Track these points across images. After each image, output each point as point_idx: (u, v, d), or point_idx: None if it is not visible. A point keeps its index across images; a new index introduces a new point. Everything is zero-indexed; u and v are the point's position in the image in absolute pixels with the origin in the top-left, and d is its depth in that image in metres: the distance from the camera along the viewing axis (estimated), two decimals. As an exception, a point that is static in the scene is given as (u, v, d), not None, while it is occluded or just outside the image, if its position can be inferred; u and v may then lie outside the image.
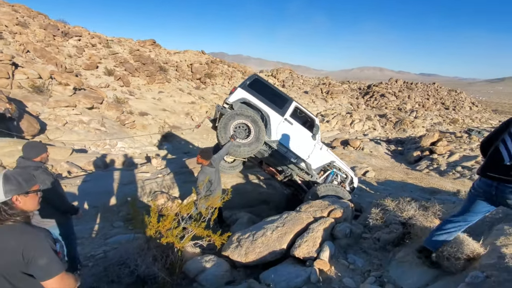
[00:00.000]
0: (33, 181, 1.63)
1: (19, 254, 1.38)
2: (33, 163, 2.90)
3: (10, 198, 1.42)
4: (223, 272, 3.04)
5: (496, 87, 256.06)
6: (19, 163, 2.89)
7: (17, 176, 1.50)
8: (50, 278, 1.42)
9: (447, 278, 2.51)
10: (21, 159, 2.90)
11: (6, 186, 1.42)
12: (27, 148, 2.91)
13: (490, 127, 43.32)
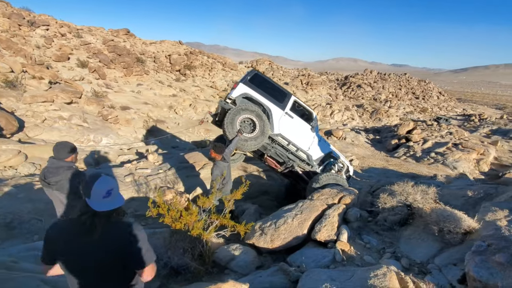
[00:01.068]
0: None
1: (121, 246, 1.52)
2: (66, 163, 2.91)
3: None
4: (252, 258, 3.28)
5: (460, 77, 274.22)
6: (51, 163, 2.89)
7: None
8: (146, 265, 1.57)
9: (450, 250, 2.95)
10: (53, 160, 2.90)
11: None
12: (59, 148, 2.91)
13: (456, 114, 46.74)
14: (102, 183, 1.51)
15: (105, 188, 1.50)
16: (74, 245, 1.50)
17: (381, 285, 2.24)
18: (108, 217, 1.52)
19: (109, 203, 1.51)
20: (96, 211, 1.49)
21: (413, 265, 2.83)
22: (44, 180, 2.87)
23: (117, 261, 1.53)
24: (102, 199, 1.49)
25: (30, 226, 4.32)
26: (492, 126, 34.65)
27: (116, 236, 1.53)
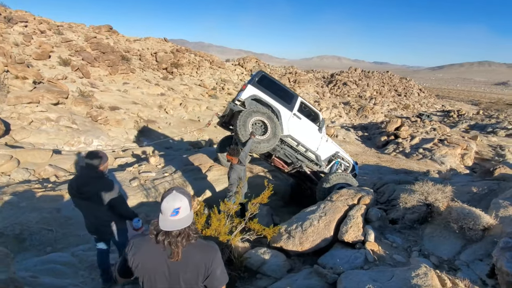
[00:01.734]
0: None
1: (203, 266, 1.50)
2: (97, 173, 2.81)
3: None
4: (282, 261, 3.31)
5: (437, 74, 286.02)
6: (82, 173, 2.78)
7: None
8: (222, 285, 1.57)
9: (473, 246, 3.11)
10: (85, 169, 2.78)
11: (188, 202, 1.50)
12: (91, 157, 2.80)
13: (436, 111, 48.76)
14: (170, 200, 1.44)
15: (172, 206, 1.43)
16: (158, 264, 1.47)
17: (424, 285, 2.34)
18: (187, 236, 1.48)
19: (175, 223, 1.43)
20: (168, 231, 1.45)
21: (442, 262, 2.97)
22: (76, 191, 2.76)
23: (200, 281, 1.51)
24: (169, 217, 1.43)
25: (41, 237, 4.13)
26: (470, 122, 36.46)
27: (199, 256, 1.50)
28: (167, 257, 1.46)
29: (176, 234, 1.44)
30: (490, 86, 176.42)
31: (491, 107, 55.18)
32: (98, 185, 2.78)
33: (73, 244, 4.24)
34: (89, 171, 2.79)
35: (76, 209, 4.82)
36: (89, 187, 2.74)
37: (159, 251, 1.46)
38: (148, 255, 1.48)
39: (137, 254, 1.49)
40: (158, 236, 1.46)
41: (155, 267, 1.47)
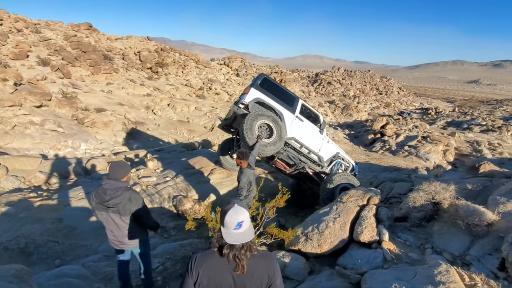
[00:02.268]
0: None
1: (266, 276, 1.54)
2: (123, 183, 2.76)
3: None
4: (303, 264, 3.39)
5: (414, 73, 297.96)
6: (108, 185, 2.71)
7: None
8: None
9: (480, 241, 3.33)
10: (110, 181, 2.72)
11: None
12: (115, 168, 2.74)
13: (415, 108, 50.81)
14: (234, 214, 1.47)
15: (236, 220, 1.46)
16: (224, 278, 1.48)
17: (448, 281, 2.49)
18: (250, 248, 1.51)
19: (239, 236, 1.46)
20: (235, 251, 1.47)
21: (455, 258, 3.17)
22: (102, 203, 2.69)
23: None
24: (233, 230, 1.46)
25: (48, 250, 3.96)
26: (447, 119, 38.31)
27: (262, 267, 1.54)
28: (232, 270, 1.48)
29: (240, 247, 1.47)
30: (463, 84, 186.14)
31: (465, 104, 58.28)
32: (126, 197, 2.72)
33: (81, 255, 4.11)
34: (115, 183, 2.73)
35: (78, 218, 4.68)
36: (117, 199, 2.68)
37: (224, 265, 1.49)
38: (214, 269, 1.49)
39: (203, 268, 1.49)
40: (223, 250, 1.48)
41: (222, 281, 1.49)
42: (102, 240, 4.52)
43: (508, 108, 47.96)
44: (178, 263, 3.86)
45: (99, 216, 2.81)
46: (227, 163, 6.78)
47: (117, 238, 2.85)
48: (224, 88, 30.75)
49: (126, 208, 2.75)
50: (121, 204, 2.71)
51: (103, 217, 2.79)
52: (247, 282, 1.50)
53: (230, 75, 39.43)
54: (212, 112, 21.35)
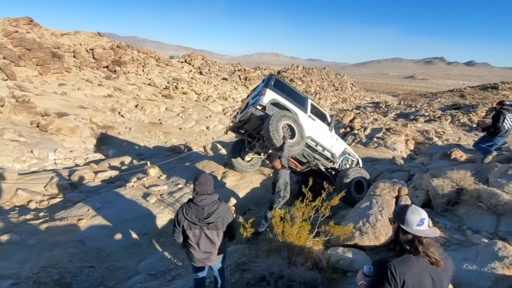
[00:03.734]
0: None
1: (451, 269, 1.64)
2: (215, 196, 2.61)
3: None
4: (365, 257, 3.58)
5: (361, 70, 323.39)
6: (205, 200, 2.52)
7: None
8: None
9: (504, 219, 3.90)
10: (203, 196, 2.54)
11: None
12: (205, 181, 2.57)
13: (367, 103, 55.29)
14: (416, 212, 1.58)
15: (419, 217, 1.57)
16: (425, 278, 1.55)
17: (509, 255, 2.90)
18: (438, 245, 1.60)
19: (425, 233, 1.55)
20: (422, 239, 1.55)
21: (492, 235, 3.67)
22: (200, 221, 2.50)
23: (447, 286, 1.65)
24: (415, 227, 1.55)
25: (86, 278, 3.51)
26: (396, 111, 42.38)
27: (449, 262, 1.65)
28: (429, 267, 1.56)
29: (431, 243, 1.55)
30: (402, 79, 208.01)
31: (407, 97, 65.21)
32: (223, 209, 2.58)
33: (123, 278, 3.73)
34: (210, 197, 2.56)
35: (101, 238, 4.26)
36: (216, 214, 2.52)
37: (422, 265, 1.54)
38: (416, 272, 1.52)
39: (407, 275, 1.50)
40: (417, 248, 1.54)
41: (426, 282, 1.53)
42: (137, 259, 4.16)
43: (442, 100, 54.86)
44: (235, 272, 3.76)
45: (190, 234, 2.61)
46: (240, 165, 6.69)
47: (206, 255, 2.68)
48: (191, 87, 29.74)
49: (224, 222, 2.62)
50: (220, 218, 2.57)
51: (195, 235, 2.60)
52: (443, 277, 1.58)
53: (193, 73, 38.23)
54: (185, 113, 20.56)
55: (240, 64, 49.51)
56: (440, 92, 73.46)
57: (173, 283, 3.59)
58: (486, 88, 69.17)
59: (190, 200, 2.61)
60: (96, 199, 5.62)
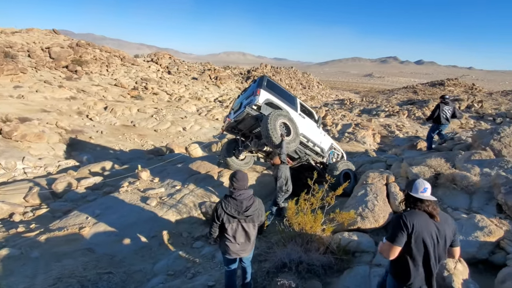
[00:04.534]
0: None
1: (453, 227, 2.14)
2: (251, 191, 2.79)
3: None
4: (369, 238, 4.02)
5: (324, 68, 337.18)
6: (243, 195, 2.69)
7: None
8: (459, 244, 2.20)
9: (475, 197, 4.62)
10: (241, 191, 2.71)
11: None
12: (242, 178, 2.76)
13: (333, 100, 58.03)
14: (420, 182, 2.17)
15: (423, 185, 2.14)
16: (430, 224, 2.06)
17: (487, 225, 3.52)
18: (437, 205, 2.17)
19: (427, 196, 2.13)
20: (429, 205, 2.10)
21: (468, 210, 4.33)
22: (240, 214, 2.67)
23: (448, 240, 2.11)
24: (420, 193, 2.12)
25: (108, 284, 3.46)
26: (360, 107, 45.10)
27: (450, 220, 2.21)
28: (431, 219, 2.08)
29: (432, 202, 2.13)
30: (361, 77, 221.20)
31: (368, 94, 69.72)
32: (258, 204, 2.79)
33: (143, 280, 3.74)
34: (247, 192, 2.75)
35: (109, 244, 4.24)
36: (253, 207, 2.72)
37: (426, 216, 2.09)
38: (422, 220, 2.06)
39: (415, 220, 2.04)
40: (419, 204, 2.11)
41: (430, 228, 2.06)
42: (151, 261, 4.18)
43: (398, 96, 59.50)
44: (253, 264, 3.95)
45: (228, 227, 2.77)
46: (235, 164, 6.86)
47: (242, 247, 2.87)
48: (161, 87, 28.79)
49: (259, 215, 2.82)
50: (256, 211, 2.77)
51: (232, 228, 2.77)
52: (446, 228, 2.11)
53: (162, 73, 36.98)
54: (159, 114, 19.94)
55: (210, 63, 48.96)
56: (396, 89, 79.63)
57: (195, 280, 3.70)
58: (434, 85, 76.49)
59: (228, 196, 2.78)
60: (93, 206, 5.41)
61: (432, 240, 2.04)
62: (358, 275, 3.39)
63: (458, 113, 8.94)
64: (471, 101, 31.81)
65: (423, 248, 2.03)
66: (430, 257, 2.05)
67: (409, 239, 2.03)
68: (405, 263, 2.11)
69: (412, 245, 2.03)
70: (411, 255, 2.06)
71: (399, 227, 2.05)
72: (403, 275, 2.14)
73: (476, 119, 26.46)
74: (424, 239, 2.02)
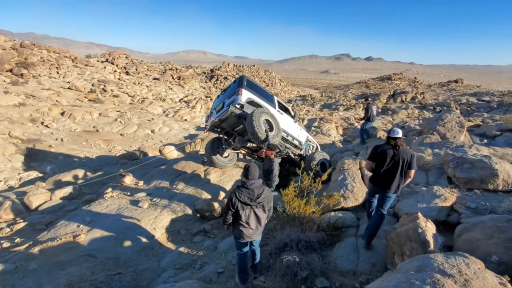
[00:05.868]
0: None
1: (410, 155, 3.36)
2: (260, 180, 3.14)
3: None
4: (351, 215, 4.66)
5: (284, 66, 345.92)
6: (254, 184, 3.03)
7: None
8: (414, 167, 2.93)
9: (430, 173, 5.55)
10: (252, 181, 3.05)
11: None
12: (254, 169, 3.10)
13: (295, 96, 60.16)
14: (396, 128, 3.61)
15: (397, 130, 3.64)
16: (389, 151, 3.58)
17: (443, 193, 4.36)
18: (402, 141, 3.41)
19: (397, 135, 3.62)
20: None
21: (425, 184, 5.19)
22: (252, 201, 3.02)
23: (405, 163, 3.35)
24: (394, 133, 3.67)
25: (121, 283, 3.54)
26: (320, 102, 47.48)
27: (408, 151, 3.46)
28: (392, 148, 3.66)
29: (398, 138, 3.65)
30: (319, 74, 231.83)
31: (326, 90, 73.64)
32: (267, 191, 3.17)
33: (153, 277, 3.89)
34: (257, 181, 3.11)
35: (110, 248, 4.34)
36: (263, 194, 3.09)
37: (389, 146, 3.68)
38: (385, 148, 3.70)
39: (380, 149, 3.71)
40: (390, 140, 3.68)
41: (389, 152, 3.65)
42: (156, 259, 4.32)
43: (353, 90, 63.81)
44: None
45: (242, 214, 3.10)
46: (220, 162, 7.12)
47: (254, 231, 3.23)
48: (121, 89, 27.32)
49: (269, 201, 3.20)
50: (266, 198, 3.14)
51: (246, 214, 3.11)
52: (402, 155, 3.59)
53: (119, 74, 34.99)
54: (123, 117, 19.05)
55: (171, 63, 47.48)
56: (350, 84, 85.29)
57: (204, 269, 3.97)
58: (383, 79, 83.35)
59: (241, 186, 3.12)
60: (80, 215, 5.27)
61: (390, 157, 3.62)
62: (348, 246, 3.99)
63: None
64: (414, 93, 35.57)
65: (383, 163, 3.66)
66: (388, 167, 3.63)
67: (377, 158, 3.73)
68: (375, 172, 3.82)
69: (377, 161, 3.74)
70: (377, 167, 3.75)
71: (373, 150, 3.82)
72: (374, 179, 3.89)
73: (420, 109, 29.77)
74: (385, 156, 3.64)
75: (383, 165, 3.64)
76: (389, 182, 3.64)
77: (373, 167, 3.83)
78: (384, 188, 3.74)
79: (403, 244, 3.21)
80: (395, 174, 3.58)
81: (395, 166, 3.57)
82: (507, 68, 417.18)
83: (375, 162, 3.78)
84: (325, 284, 3.42)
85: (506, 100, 24.06)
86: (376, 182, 3.84)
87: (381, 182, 3.74)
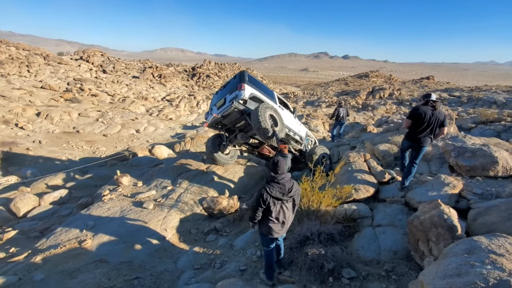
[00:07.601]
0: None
1: (443, 116, 3.02)
2: (288, 174, 3.08)
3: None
4: (364, 206, 4.72)
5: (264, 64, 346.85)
6: (285, 179, 2.96)
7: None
8: (446, 125, 2.99)
9: (431, 163, 5.77)
10: (283, 175, 2.99)
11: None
12: (283, 164, 3.04)
13: (279, 93, 60.47)
14: (432, 94, 4.11)
15: (433, 95, 4.14)
16: (426, 111, 4.24)
17: (450, 181, 4.53)
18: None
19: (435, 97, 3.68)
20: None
21: (429, 173, 5.39)
22: (284, 195, 2.94)
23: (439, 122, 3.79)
24: (434, 98, 3.93)
25: (141, 287, 3.36)
26: (303, 100, 48.17)
27: (440, 112, 3.74)
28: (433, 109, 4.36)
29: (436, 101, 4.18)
30: (298, 72, 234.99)
31: (307, 87, 74.81)
32: (296, 185, 3.09)
33: (172, 279, 3.70)
34: (287, 175, 3.03)
35: (120, 252, 4.14)
36: (294, 188, 3.02)
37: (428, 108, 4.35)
38: (425, 108, 4.36)
39: (421, 108, 4.37)
40: (430, 102, 4.35)
41: (428, 112, 4.30)
42: (171, 261, 4.14)
43: (333, 87, 65.35)
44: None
45: (272, 210, 3.02)
46: (222, 159, 6.97)
47: (284, 226, 3.16)
48: (99, 87, 26.06)
49: (299, 194, 3.14)
50: (297, 191, 3.08)
51: (276, 210, 3.03)
52: (437, 115, 4.26)
53: (96, 72, 33.38)
54: (105, 117, 18.17)
55: (150, 61, 46.01)
56: (330, 82, 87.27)
57: (225, 268, 3.85)
58: (361, 77, 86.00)
59: (271, 181, 3.03)
60: (81, 219, 4.93)
61: (428, 117, 4.26)
62: (367, 235, 4.04)
63: (349, 113, 12.28)
64: (391, 89, 37.05)
65: (421, 121, 4.32)
66: (425, 125, 4.31)
67: (416, 117, 4.35)
68: (411, 130, 4.50)
69: (415, 119, 4.36)
70: (414, 125, 4.41)
71: (413, 110, 4.42)
72: (410, 136, 4.56)
73: (397, 105, 31.06)
74: (423, 116, 4.28)
75: (420, 123, 4.34)
76: (425, 137, 4.39)
77: (409, 125, 4.52)
78: (420, 142, 4.46)
79: (428, 230, 3.29)
80: (430, 131, 4.34)
81: (431, 124, 4.30)
82: (472, 66, 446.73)
83: (412, 121, 4.44)
84: (353, 275, 3.44)
85: (474, 95, 25.69)
86: (413, 138, 4.55)
87: (418, 138, 4.45)
